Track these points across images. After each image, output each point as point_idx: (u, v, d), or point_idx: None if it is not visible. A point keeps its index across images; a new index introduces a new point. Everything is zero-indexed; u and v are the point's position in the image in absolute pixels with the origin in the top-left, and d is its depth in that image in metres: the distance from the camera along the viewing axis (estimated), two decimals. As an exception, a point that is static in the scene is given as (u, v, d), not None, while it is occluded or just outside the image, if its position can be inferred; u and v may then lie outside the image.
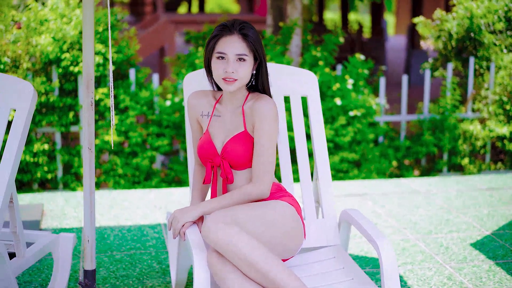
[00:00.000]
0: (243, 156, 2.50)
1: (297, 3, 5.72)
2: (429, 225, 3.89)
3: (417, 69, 11.69)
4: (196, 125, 2.66)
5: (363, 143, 5.45)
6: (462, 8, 6.15)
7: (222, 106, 2.60)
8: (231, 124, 2.56)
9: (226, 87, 2.48)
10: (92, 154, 2.38)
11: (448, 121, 5.70)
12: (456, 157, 5.79)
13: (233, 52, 2.45)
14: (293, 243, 2.47)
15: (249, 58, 2.48)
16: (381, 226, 3.85)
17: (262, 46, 2.53)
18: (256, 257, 2.22)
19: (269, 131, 2.48)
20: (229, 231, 2.25)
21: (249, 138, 2.52)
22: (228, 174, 2.50)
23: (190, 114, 2.66)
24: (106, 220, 3.94)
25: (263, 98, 2.52)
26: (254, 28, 2.54)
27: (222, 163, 2.51)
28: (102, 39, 5.24)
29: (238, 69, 2.45)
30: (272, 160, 2.49)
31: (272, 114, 2.49)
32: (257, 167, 2.48)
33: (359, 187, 4.74)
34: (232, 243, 2.23)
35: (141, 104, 5.25)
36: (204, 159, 2.56)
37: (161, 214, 4.06)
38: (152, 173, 5.34)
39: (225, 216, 2.31)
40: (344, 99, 5.36)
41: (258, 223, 2.35)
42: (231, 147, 2.50)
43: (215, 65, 2.48)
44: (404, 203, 4.34)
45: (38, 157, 5.06)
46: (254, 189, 2.47)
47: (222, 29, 2.49)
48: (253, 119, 2.50)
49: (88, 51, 2.31)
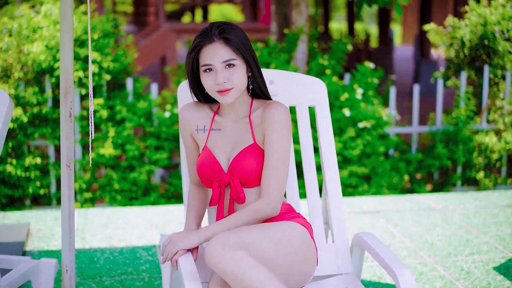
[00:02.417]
0: (254, 171, 2.22)
1: (303, 9, 5.45)
2: (448, 246, 3.58)
3: (426, 78, 11.41)
4: (190, 141, 2.38)
5: (373, 156, 5.16)
6: (475, 15, 5.88)
7: (222, 118, 2.33)
8: (236, 136, 2.28)
9: (223, 99, 2.21)
10: (71, 172, 2.09)
11: (462, 133, 5.42)
12: (470, 170, 5.50)
13: (218, 60, 2.18)
14: (306, 270, 2.17)
15: (239, 61, 2.21)
16: (395, 248, 3.55)
17: (249, 45, 2.25)
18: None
19: (282, 141, 2.21)
20: (236, 256, 1.97)
21: (259, 151, 2.24)
22: (240, 193, 2.21)
23: (182, 129, 2.38)
24: (97, 241, 3.65)
25: (273, 103, 2.25)
26: (236, 26, 2.26)
27: (232, 181, 2.22)
28: (98, 47, 4.98)
29: (230, 77, 2.19)
30: (284, 174, 2.21)
31: (285, 121, 2.22)
32: (267, 182, 2.20)
33: (370, 204, 4.44)
34: (239, 271, 1.95)
35: (139, 115, 4.99)
36: (207, 178, 2.26)
37: (157, 233, 3.77)
38: (150, 188, 5.07)
39: (231, 238, 2.01)
40: (353, 110, 5.08)
41: (268, 246, 2.05)
42: (240, 163, 2.21)
43: (204, 80, 2.22)
44: (419, 221, 4.03)
45: (30, 172, 4.80)
46: (263, 207, 2.18)
47: (201, 38, 2.22)
48: (263, 129, 2.23)
49: (66, 56, 2.03)
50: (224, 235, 2.02)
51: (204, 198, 2.44)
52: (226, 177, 2.23)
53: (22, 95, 4.78)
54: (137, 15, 17.67)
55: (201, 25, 12.57)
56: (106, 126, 4.94)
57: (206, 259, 2.00)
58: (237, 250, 1.98)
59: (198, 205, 2.41)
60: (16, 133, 4.81)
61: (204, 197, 2.45)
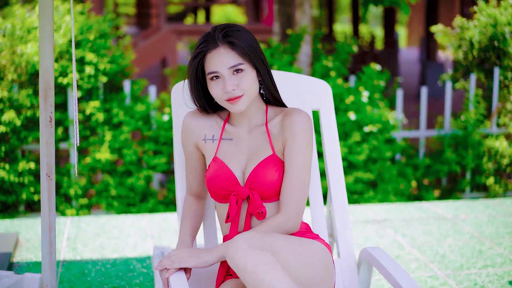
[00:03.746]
0: (274, 185, 2.04)
1: (306, 9, 5.27)
2: (460, 258, 3.39)
3: (432, 81, 11.23)
4: (193, 151, 2.19)
5: (379, 161, 4.96)
6: (485, 15, 5.69)
7: (233, 127, 2.14)
8: (251, 147, 2.10)
9: (234, 108, 2.03)
10: (52, 183, 1.91)
11: (472, 137, 5.22)
12: (480, 176, 5.31)
13: (224, 66, 2.01)
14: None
15: (247, 65, 2.03)
16: (404, 260, 3.35)
17: (257, 47, 2.07)
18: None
19: (304, 151, 2.04)
20: (262, 257, 1.79)
21: (279, 163, 2.06)
22: (260, 208, 2.02)
23: (186, 139, 2.18)
24: (89, 251, 3.46)
25: (294, 110, 2.08)
26: (242, 28, 2.07)
27: (252, 195, 2.03)
28: (95, 47, 4.81)
29: (239, 83, 2.01)
30: (305, 188, 2.04)
31: (308, 130, 2.05)
32: (288, 195, 2.03)
33: (377, 212, 4.25)
34: (261, 273, 1.78)
35: (136, 118, 4.81)
36: (220, 191, 2.08)
37: (153, 243, 3.59)
38: (148, 194, 4.89)
39: (258, 239, 1.84)
40: (359, 113, 4.89)
41: (293, 259, 1.88)
42: (259, 175, 2.03)
43: (212, 89, 2.04)
44: (429, 231, 3.83)
45: (24, 177, 4.63)
46: (283, 222, 2.01)
47: (205, 43, 2.04)
48: (283, 138, 2.06)
49: (45, 54, 1.85)
50: (251, 235, 1.86)
51: (200, 211, 2.27)
52: (245, 190, 2.04)
53: (16, 98, 4.61)
54: (140, 17, 17.51)
55: (202, 27, 12.40)
56: (103, 129, 4.77)
57: (228, 256, 1.83)
58: (264, 251, 1.82)
59: (194, 218, 2.23)
60: (9, 137, 4.64)
61: (201, 210, 2.27)
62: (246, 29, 2.09)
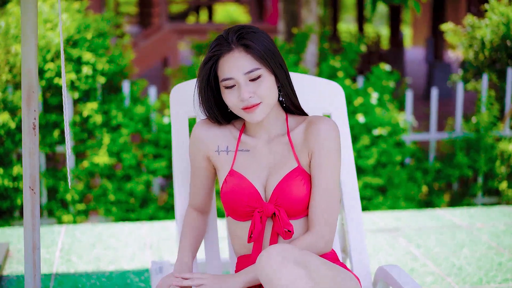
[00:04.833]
0: (302, 200, 1.87)
1: (312, 7, 5.07)
2: (478, 270, 3.18)
3: (440, 81, 11.02)
4: (203, 164, 2.00)
5: (388, 165, 4.76)
6: (497, 14, 5.49)
7: (250, 138, 1.95)
8: (272, 159, 1.91)
9: (251, 117, 1.85)
10: (36, 196, 1.72)
11: (484, 140, 5.02)
12: (492, 180, 5.11)
13: (240, 72, 1.82)
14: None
15: (265, 70, 1.85)
16: (419, 273, 3.15)
17: (275, 50, 1.88)
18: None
19: (333, 163, 1.87)
20: (296, 273, 1.63)
21: (306, 176, 1.88)
22: (287, 226, 1.83)
23: (196, 150, 1.99)
24: (84, 263, 3.26)
25: (320, 118, 1.90)
26: (257, 29, 1.88)
27: (278, 212, 1.84)
28: (93, 47, 4.62)
29: (256, 90, 1.83)
30: (337, 202, 1.88)
31: (337, 140, 1.89)
32: (318, 211, 1.85)
33: (387, 220, 4.05)
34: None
35: (136, 121, 4.62)
36: (242, 208, 1.88)
37: (151, 254, 3.39)
38: (148, 199, 4.70)
39: (293, 252, 1.67)
40: (368, 116, 4.69)
41: (328, 282, 1.70)
42: (286, 190, 1.85)
43: (226, 97, 1.85)
44: (444, 241, 3.63)
45: (19, 182, 4.45)
46: (315, 241, 1.85)
47: (218, 47, 1.85)
48: (309, 149, 1.88)
49: (28, 54, 1.66)
50: (286, 247, 1.68)
51: (202, 226, 2.08)
52: (270, 207, 1.85)
53: (10, 99, 4.43)
54: (142, 16, 17.34)
55: (205, 26, 12.20)
56: (101, 132, 4.58)
57: (259, 267, 1.67)
58: (298, 267, 1.65)
59: (196, 234, 2.04)
60: (3, 140, 4.45)
61: (203, 226, 2.08)
62: (262, 30, 1.90)
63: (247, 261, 1.93)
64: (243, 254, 1.96)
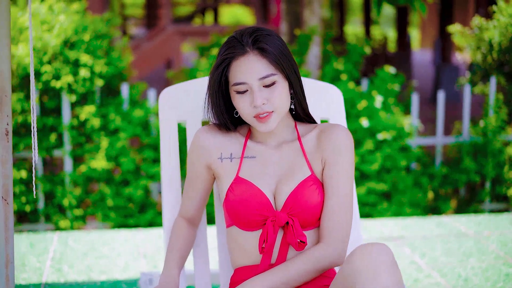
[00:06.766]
0: (316, 210, 1.77)
1: (315, 8, 4.96)
2: (485, 282, 3.06)
3: (447, 84, 10.88)
4: (203, 173, 1.89)
5: (393, 171, 4.64)
6: (505, 15, 5.37)
7: (257, 144, 1.85)
8: (282, 166, 1.81)
9: (263, 127, 1.75)
10: (9, 208, 1.61)
11: (492, 145, 4.89)
12: (500, 186, 4.98)
13: (254, 77, 1.72)
14: None
15: (280, 76, 1.75)
16: (423, 284, 3.02)
17: (289, 55, 1.78)
18: None
19: (348, 172, 1.79)
20: (399, 273, 1.59)
21: (320, 185, 1.79)
22: (301, 237, 1.74)
23: (196, 158, 1.88)
24: (75, 273, 3.15)
25: (333, 125, 1.82)
26: (272, 32, 1.77)
27: (292, 221, 1.74)
28: (91, 49, 4.53)
29: (270, 97, 1.73)
30: (350, 213, 1.78)
31: (352, 148, 1.80)
32: (331, 222, 1.76)
33: (392, 228, 3.92)
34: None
35: (135, 124, 4.53)
36: (253, 217, 1.77)
37: (146, 263, 3.28)
38: (147, 205, 4.60)
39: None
40: (372, 120, 4.57)
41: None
42: (300, 199, 1.76)
43: (237, 102, 1.75)
44: (450, 250, 3.50)
45: (15, 186, 4.36)
46: (328, 253, 1.74)
47: (231, 49, 1.74)
48: (322, 157, 1.79)
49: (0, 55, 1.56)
50: (383, 246, 1.60)
51: (191, 237, 1.96)
52: (283, 216, 1.74)
53: (6, 102, 4.34)
54: (149, 18, 17.31)
55: (209, 27, 12.11)
56: (99, 136, 4.48)
57: (359, 266, 1.58)
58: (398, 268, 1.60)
59: (184, 246, 1.92)
60: (-1, 144, 4.36)
61: (192, 237, 1.97)
62: (276, 33, 1.80)
63: (250, 273, 1.81)
64: (245, 265, 1.84)
